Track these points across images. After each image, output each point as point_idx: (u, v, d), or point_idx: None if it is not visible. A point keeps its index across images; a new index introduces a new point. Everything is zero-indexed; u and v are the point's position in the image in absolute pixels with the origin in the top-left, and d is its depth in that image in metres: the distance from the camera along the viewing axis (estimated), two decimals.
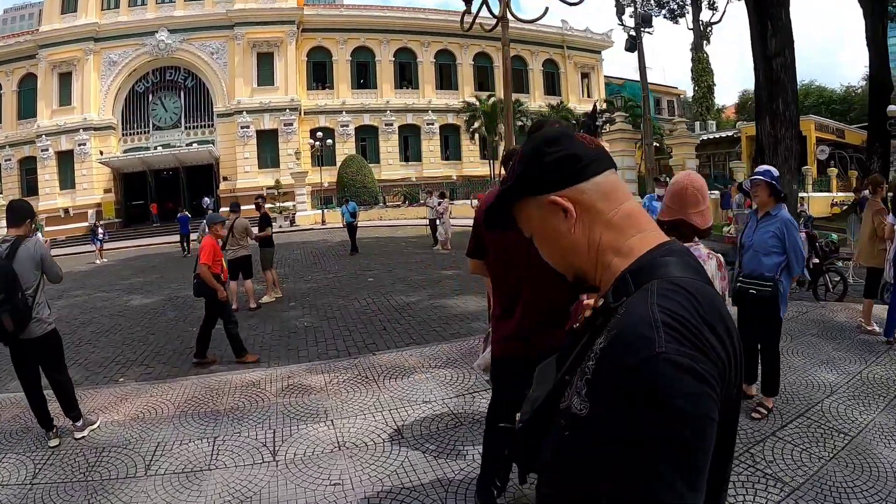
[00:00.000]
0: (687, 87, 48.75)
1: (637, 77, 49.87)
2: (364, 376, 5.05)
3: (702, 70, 43.95)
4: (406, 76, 37.98)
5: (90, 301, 11.19)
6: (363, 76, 37.35)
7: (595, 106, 33.10)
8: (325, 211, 28.10)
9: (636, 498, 0.67)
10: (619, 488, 0.69)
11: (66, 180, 35.20)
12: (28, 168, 36.48)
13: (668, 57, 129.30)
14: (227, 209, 9.19)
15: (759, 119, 16.07)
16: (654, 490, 0.66)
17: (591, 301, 0.95)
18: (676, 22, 45.76)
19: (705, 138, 36.51)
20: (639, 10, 21.24)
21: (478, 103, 33.79)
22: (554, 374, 0.92)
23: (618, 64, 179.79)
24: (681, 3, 43.74)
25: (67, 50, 34.75)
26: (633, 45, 19.46)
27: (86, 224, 33.99)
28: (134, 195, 35.26)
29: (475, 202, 16.81)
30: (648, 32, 20.50)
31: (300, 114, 34.52)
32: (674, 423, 0.66)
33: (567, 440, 0.79)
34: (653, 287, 0.76)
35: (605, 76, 44.50)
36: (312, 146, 29.54)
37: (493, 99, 34.41)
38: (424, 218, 17.52)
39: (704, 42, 43.95)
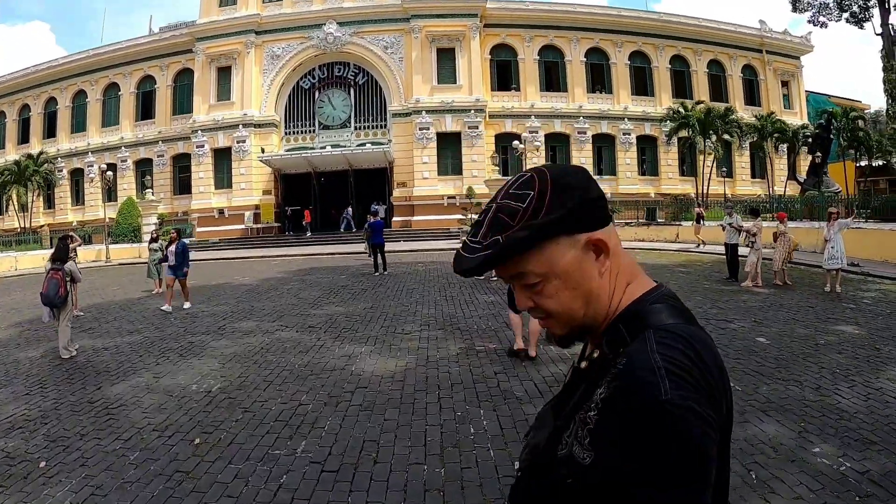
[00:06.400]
0: (871, 101, 42.78)
1: (818, 90, 44.86)
2: None
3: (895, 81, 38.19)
4: (598, 79, 33.88)
5: (270, 352, 7.12)
6: (552, 78, 33.46)
7: (829, 117, 28.03)
8: None
9: None
10: None
11: (222, 179, 33.07)
12: (181, 165, 34.75)
13: (840, 66, 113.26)
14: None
15: None
16: None
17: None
18: (861, 27, 40.55)
19: None
20: None
21: (683, 110, 29.40)
22: (551, 422, 0.91)
23: None
24: (864, 5, 38.57)
25: (226, 43, 32.89)
26: None
27: (241, 226, 31.61)
28: (295, 199, 32.49)
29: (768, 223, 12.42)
30: None
31: (485, 116, 30.97)
32: (681, 463, 0.70)
33: (570, 487, 0.80)
34: (650, 335, 0.79)
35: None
36: (518, 150, 25.71)
37: (701, 105, 30.05)
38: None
39: None
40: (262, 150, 31.72)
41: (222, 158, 32.94)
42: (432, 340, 7.39)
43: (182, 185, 34.63)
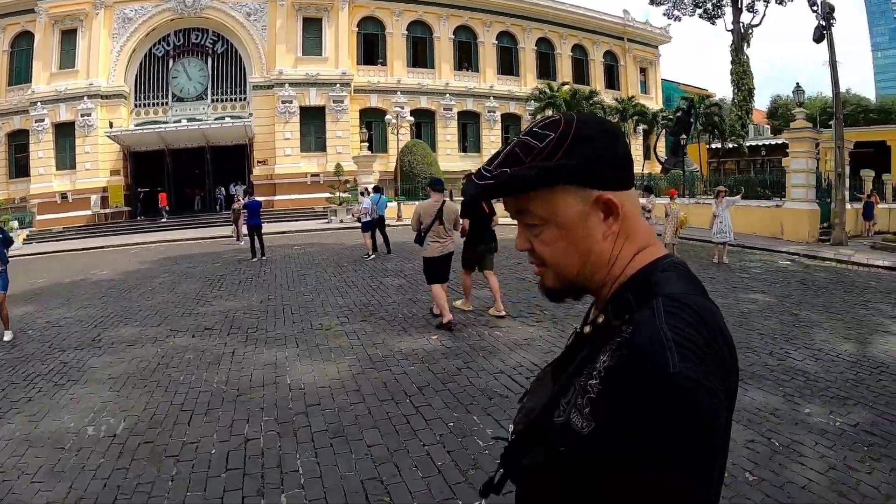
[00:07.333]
0: (717, 90, 46.69)
1: (670, 77, 48.14)
2: None
3: (742, 73, 41.97)
4: (465, 57, 34.12)
5: (171, 368, 5.71)
6: (419, 53, 33.25)
7: (692, 101, 30.13)
8: (402, 204, 23.74)
9: None
10: (635, 500, 0.71)
11: (65, 159, 29.88)
12: (18, 144, 30.90)
13: (690, 57, 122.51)
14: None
15: None
16: (674, 499, 0.70)
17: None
18: (713, 23, 44.15)
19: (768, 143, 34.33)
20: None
21: (549, 91, 30.40)
22: (550, 385, 0.90)
23: None
24: (717, 3, 42.04)
25: (72, 2, 29.54)
26: (822, 35, 16.42)
27: (87, 212, 28.83)
28: (147, 180, 30.07)
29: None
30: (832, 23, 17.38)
31: (351, 90, 30.22)
32: (690, 437, 0.69)
33: (564, 457, 0.78)
34: (658, 305, 0.76)
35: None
36: (390, 125, 25.46)
37: (566, 86, 31.21)
38: None
39: (745, 45, 42.25)
40: (111, 125, 28.97)
41: (65, 135, 29.73)
42: (362, 335, 6.49)
43: (19, 166, 30.78)
